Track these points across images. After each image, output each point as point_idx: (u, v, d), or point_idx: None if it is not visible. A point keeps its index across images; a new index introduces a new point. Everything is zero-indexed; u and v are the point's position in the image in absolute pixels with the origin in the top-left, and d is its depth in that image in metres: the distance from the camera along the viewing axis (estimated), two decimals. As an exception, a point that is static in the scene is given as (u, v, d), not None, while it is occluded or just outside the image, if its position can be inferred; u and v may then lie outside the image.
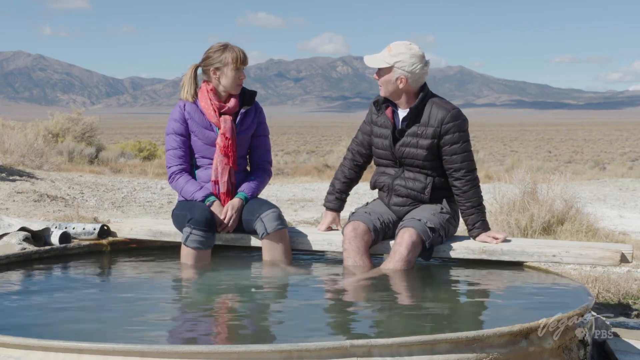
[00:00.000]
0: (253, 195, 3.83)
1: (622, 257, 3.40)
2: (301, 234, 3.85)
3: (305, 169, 19.51)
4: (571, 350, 2.45)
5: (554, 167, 23.44)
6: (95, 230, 4.03)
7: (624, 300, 4.12)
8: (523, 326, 2.30)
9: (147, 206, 8.97)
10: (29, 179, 9.94)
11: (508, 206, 6.43)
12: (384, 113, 3.70)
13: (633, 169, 25.81)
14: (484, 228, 3.65)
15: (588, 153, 44.20)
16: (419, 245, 3.50)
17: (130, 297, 3.14)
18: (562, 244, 3.60)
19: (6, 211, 7.20)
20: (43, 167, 12.42)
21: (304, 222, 7.41)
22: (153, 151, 22.09)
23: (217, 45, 3.78)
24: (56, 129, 19.65)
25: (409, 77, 3.58)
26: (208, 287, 3.39)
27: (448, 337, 2.17)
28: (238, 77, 3.76)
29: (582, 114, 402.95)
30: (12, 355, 2.15)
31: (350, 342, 2.09)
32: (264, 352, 2.07)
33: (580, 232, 6.04)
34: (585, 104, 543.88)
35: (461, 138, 3.59)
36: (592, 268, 4.66)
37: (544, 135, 75.44)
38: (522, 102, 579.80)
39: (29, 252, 3.74)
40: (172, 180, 3.82)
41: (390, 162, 3.72)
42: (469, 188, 3.61)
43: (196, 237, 3.62)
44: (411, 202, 3.69)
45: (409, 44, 3.60)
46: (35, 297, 3.07)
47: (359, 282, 3.37)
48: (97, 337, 2.31)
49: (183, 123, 3.80)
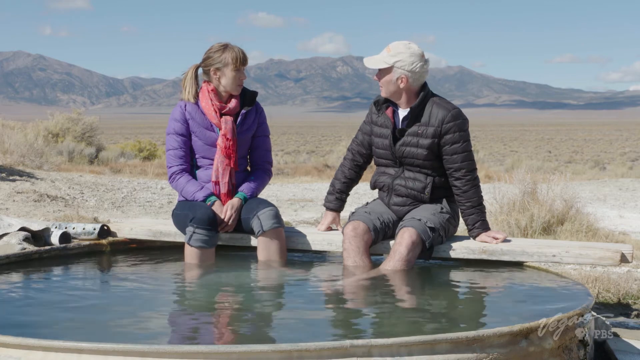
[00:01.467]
0: (252, 195, 3.83)
1: (622, 257, 3.40)
2: (301, 234, 3.85)
3: (305, 169, 19.51)
4: (571, 350, 2.45)
5: (554, 167, 23.45)
6: (95, 230, 4.03)
7: (624, 300, 4.12)
8: (523, 326, 2.30)
9: (147, 206, 8.97)
10: (29, 179, 9.94)
11: (508, 206, 6.42)
12: (385, 113, 3.70)
13: (633, 169, 25.81)
14: (484, 228, 3.65)
15: (588, 153, 44.19)
16: (419, 245, 3.50)
17: (130, 297, 3.14)
18: (562, 244, 3.60)
19: (6, 211, 7.20)
20: (43, 167, 12.43)
21: (304, 222, 7.40)
22: (153, 151, 22.08)
23: (217, 46, 3.78)
24: (56, 129, 19.65)
25: (409, 76, 3.58)
26: (208, 287, 3.40)
27: (448, 337, 2.17)
28: (239, 78, 3.76)
29: (582, 114, 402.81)
30: (12, 355, 2.15)
31: (350, 342, 2.09)
32: (264, 352, 2.07)
33: (580, 232, 6.04)
34: (585, 104, 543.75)
35: (461, 138, 3.59)
36: (592, 268, 4.66)
37: (544, 135, 75.42)
38: (522, 102, 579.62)
39: (29, 252, 3.74)
40: (172, 180, 3.82)
41: (391, 162, 3.72)
42: (469, 188, 3.61)
43: (199, 236, 3.62)
44: (411, 201, 3.69)
45: (407, 43, 3.61)
46: (35, 297, 3.08)
47: (359, 282, 3.37)
48: (97, 337, 2.30)
49: (184, 123, 3.79)
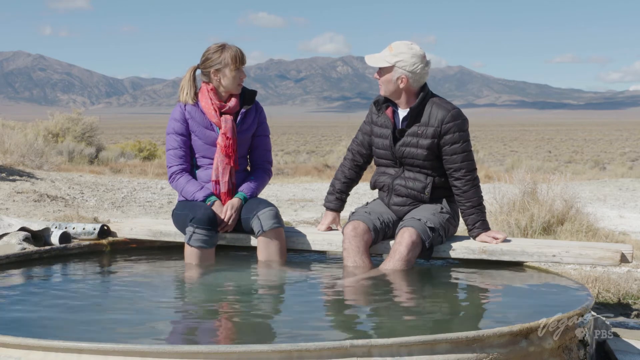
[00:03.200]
0: (252, 195, 3.83)
1: (622, 257, 3.40)
2: (301, 234, 3.85)
3: (305, 169, 19.51)
4: (571, 350, 2.45)
5: (554, 167, 23.45)
6: (95, 230, 4.03)
7: (624, 300, 4.12)
8: (523, 326, 2.30)
9: (147, 206, 8.97)
10: (29, 179, 9.94)
11: (508, 206, 6.42)
12: (385, 113, 3.70)
13: (633, 169, 25.81)
14: (484, 228, 3.65)
15: (588, 153, 44.19)
16: (418, 245, 3.50)
17: (130, 297, 3.13)
18: (562, 244, 3.60)
19: (6, 211, 7.20)
20: (43, 167, 12.43)
21: (304, 222, 7.40)
22: (153, 151, 22.09)
23: (214, 47, 3.77)
24: (56, 129, 19.66)
25: (409, 77, 3.58)
26: (208, 287, 3.39)
27: (448, 337, 2.17)
28: (239, 77, 3.76)
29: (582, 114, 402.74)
30: (12, 355, 2.15)
31: (350, 342, 2.09)
32: (264, 352, 2.07)
33: (580, 232, 6.04)
34: (585, 104, 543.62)
35: (461, 138, 3.59)
36: (592, 268, 4.65)
37: (544, 135, 75.42)
38: (522, 102, 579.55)
39: (29, 252, 3.74)
40: (172, 180, 3.82)
41: (391, 162, 3.72)
42: (469, 188, 3.61)
43: (199, 236, 3.62)
44: (411, 201, 3.69)
45: (410, 43, 3.61)
46: (35, 297, 3.07)
47: (358, 281, 3.37)
48: (97, 337, 2.31)
49: (184, 123, 3.79)
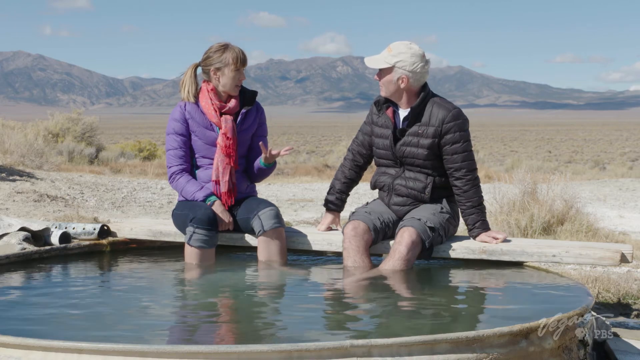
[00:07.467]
0: (258, 172, 3.89)
1: (622, 257, 3.40)
2: (301, 234, 3.85)
3: (305, 169, 19.51)
4: (571, 350, 2.45)
5: (554, 167, 23.45)
6: (95, 230, 4.03)
7: (624, 300, 4.12)
8: (523, 326, 2.30)
9: (147, 206, 8.97)
10: (29, 179, 9.94)
11: (508, 206, 6.42)
12: (385, 113, 3.70)
13: (633, 169, 25.81)
14: (484, 228, 3.65)
15: (588, 153, 44.18)
16: (418, 245, 3.50)
17: (130, 297, 3.14)
18: (562, 244, 3.60)
19: (6, 211, 7.20)
20: (43, 167, 12.43)
21: (304, 222, 7.40)
22: (153, 151, 22.09)
23: (217, 46, 3.78)
24: (56, 129, 19.65)
25: (410, 77, 3.58)
26: (208, 287, 3.40)
27: (448, 337, 2.17)
28: (238, 78, 3.76)
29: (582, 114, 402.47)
30: (12, 355, 2.16)
31: (350, 342, 2.09)
32: (264, 352, 2.07)
33: (580, 232, 6.04)
34: (585, 104, 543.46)
35: (462, 138, 3.59)
36: (592, 268, 4.65)
37: (544, 135, 75.40)
38: (522, 102, 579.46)
39: (29, 252, 3.74)
40: (172, 180, 3.82)
41: (391, 162, 3.72)
42: (470, 188, 3.61)
43: (200, 236, 3.62)
44: (411, 201, 3.69)
45: (409, 43, 3.61)
46: (35, 297, 3.07)
47: (358, 281, 3.37)
48: (97, 337, 2.31)
49: (184, 123, 3.79)
